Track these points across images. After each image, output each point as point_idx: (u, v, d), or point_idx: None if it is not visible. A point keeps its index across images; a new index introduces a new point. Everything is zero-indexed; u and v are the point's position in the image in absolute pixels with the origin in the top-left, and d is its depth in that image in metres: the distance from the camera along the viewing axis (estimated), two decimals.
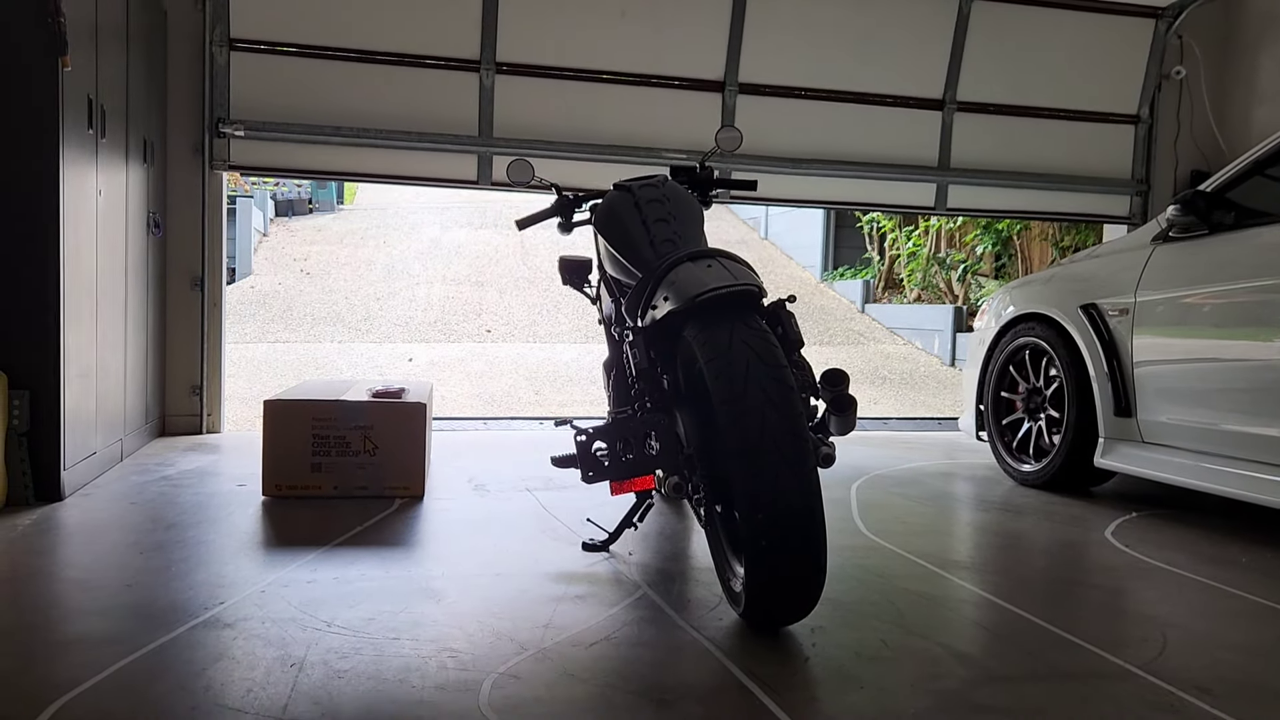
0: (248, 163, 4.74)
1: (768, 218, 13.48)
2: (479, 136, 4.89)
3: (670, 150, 5.08)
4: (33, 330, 3.13)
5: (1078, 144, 5.65)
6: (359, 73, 4.75)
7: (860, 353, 8.92)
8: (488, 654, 1.96)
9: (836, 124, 5.34)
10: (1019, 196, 5.66)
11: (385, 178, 5.00)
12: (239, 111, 4.62)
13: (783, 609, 2.05)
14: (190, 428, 4.66)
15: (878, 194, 5.53)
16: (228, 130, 4.58)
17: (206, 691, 1.74)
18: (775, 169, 5.24)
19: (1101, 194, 5.73)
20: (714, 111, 5.16)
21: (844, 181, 5.41)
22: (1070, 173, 5.65)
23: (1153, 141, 5.73)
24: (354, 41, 4.71)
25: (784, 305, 2.28)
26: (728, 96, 5.16)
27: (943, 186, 5.53)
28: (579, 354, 8.21)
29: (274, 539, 2.83)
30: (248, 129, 4.60)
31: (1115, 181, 5.72)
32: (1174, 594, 2.53)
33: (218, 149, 4.63)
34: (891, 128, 5.41)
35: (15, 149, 3.10)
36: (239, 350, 7.67)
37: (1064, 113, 5.63)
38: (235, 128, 4.58)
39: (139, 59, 4.03)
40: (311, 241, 11.83)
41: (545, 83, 4.97)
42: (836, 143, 5.34)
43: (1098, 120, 5.69)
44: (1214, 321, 3.24)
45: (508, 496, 3.48)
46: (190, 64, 4.56)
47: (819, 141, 5.31)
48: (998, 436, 4.15)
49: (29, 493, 3.14)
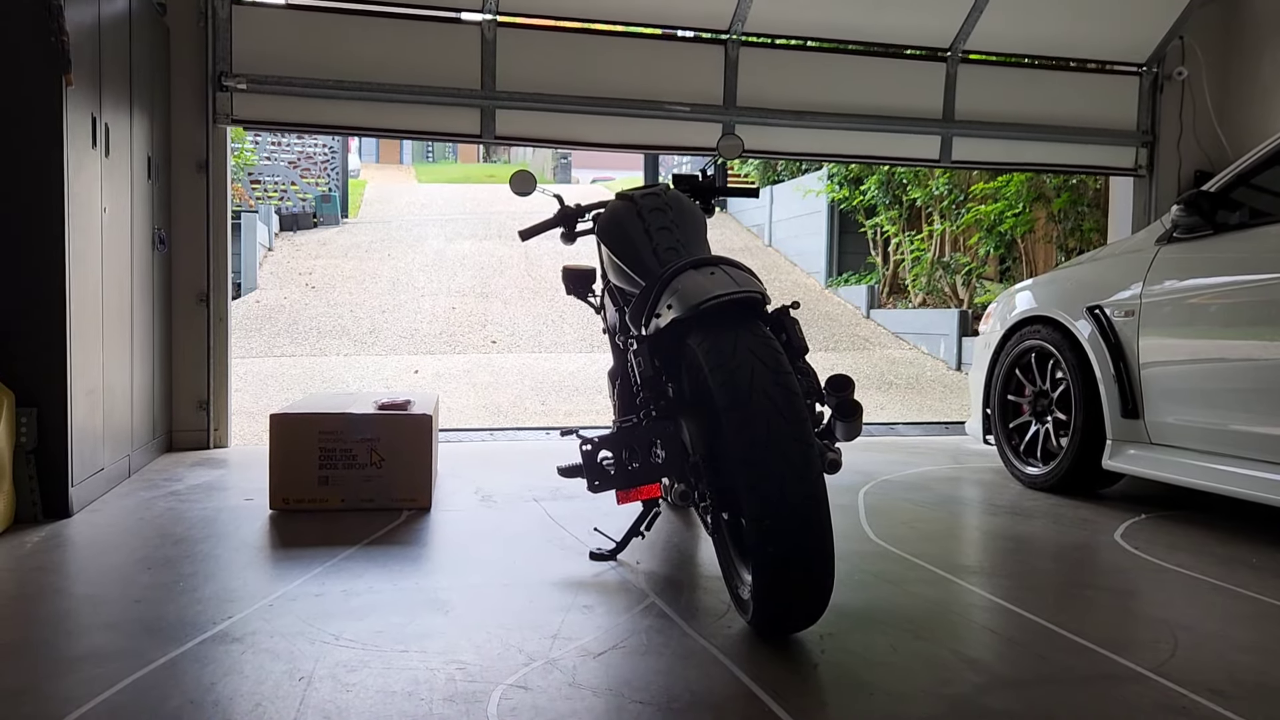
0: (250, 117, 4.75)
1: (771, 225, 13.49)
2: (481, 90, 4.89)
3: (673, 104, 5.07)
4: (40, 347, 3.14)
5: (1083, 95, 5.60)
6: (361, 26, 4.75)
7: (865, 358, 8.91)
8: (496, 665, 1.96)
9: (841, 77, 5.29)
10: (1024, 149, 5.63)
11: (387, 132, 5.02)
12: (241, 66, 4.62)
13: (791, 616, 2.05)
14: (197, 443, 4.67)
15: (882, 147, 5.51)
16: (230, 84, 4.59)
17: (216, 706, 1.74)
18: (778, 122, 5.21)
19: (1107, 146, 5.68)
20: (717, 64, 5.13)
21: (848, 135, 5.38)
22: (1076, 124, 5.60)
23: (1158, 92, 5.67)
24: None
25: (788, 311, 2.28)
26: (730, 49, 5.13)
27: (947, 139, 5.49)
28: (584, 363, 8.21)
29: (281, 552, 2.83)
30: (250, 83, 4.61)
31: (1121, 133, 5.67)
32: (1185, 596, 2.52)
33: (220, 103, 4.63)
34: (896, 80, 5.36)
35: (20, 167, 3.11)
36: (245, 365, 7.69)
37: (1070, 63, 5.57)
38: (238, 81, 4.59)
39: (142, 76, 4.05)
40: (316, 255, 11.87)
41: (547, 35, 4.97)
42: (841, 96, 5.30)
43: (1104, 71, 5.63)
44: (1220, 321, 3.23)
45: (514, 507, 3.48)
46: (194, 63, 4.58)
47: (822, 95, 5.28)
48: (1005, 440, 4.14)
49: (37, 509, 3.14)
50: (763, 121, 5.20)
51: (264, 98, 4.69)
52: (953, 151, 5.54)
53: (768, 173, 13.41)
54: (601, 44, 5.07)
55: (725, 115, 5.15)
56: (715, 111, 5.17)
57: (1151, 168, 5.71)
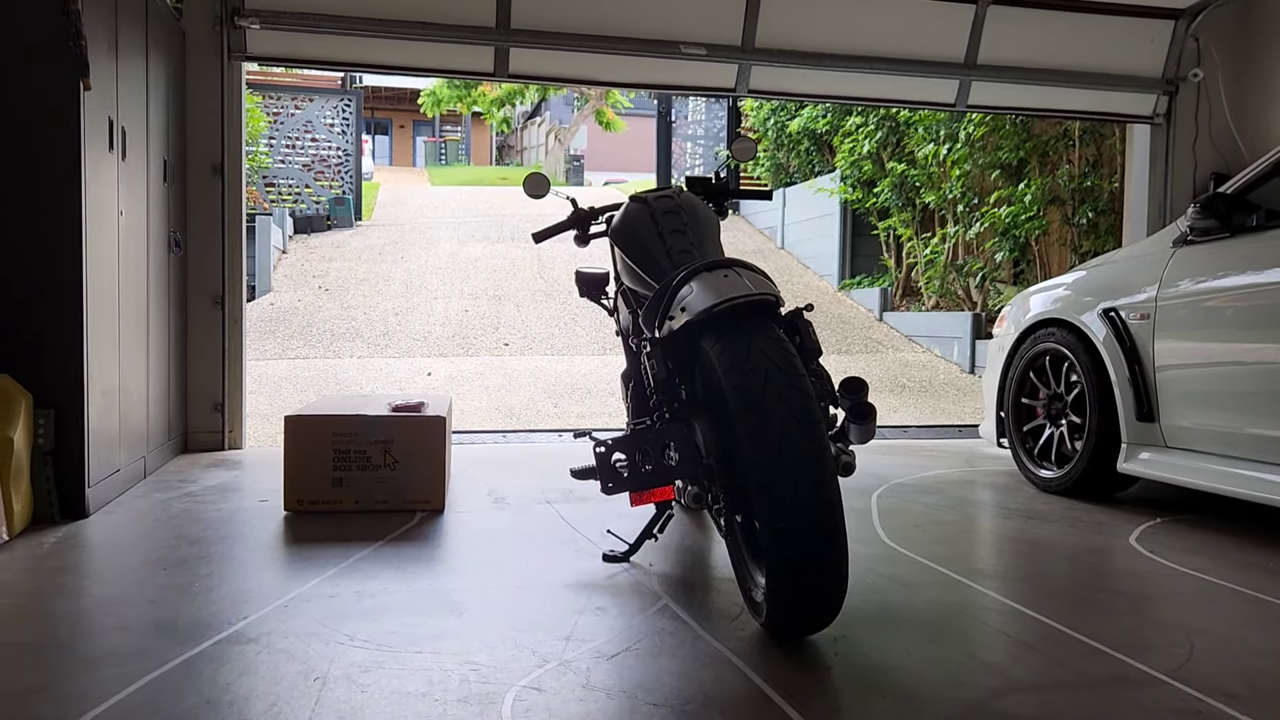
0: (264, 53, 4.78)
1: (784, 227, 13.47)
2: (496, 29, 4.87)
3: (689, 43, 5.01)
4: (57, 350, 3.16)
5: (1113, 40, 5.50)
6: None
7: (879, 361, 8.89)
8: (510, 666, 1.96)
9: (863, 19, 5.21)
10: (1040, 94, 5.56)
11: (401, 69, 5.02)
12: (255, 2, 4.63)
13: (805, 618, 2.04)
14: (212, 444, 4.69)
15: (898, 90, 5.47)
16: (243, 23, 4.60)
17: (231, 706, 1.75)
18: (798, 65, 5.16)
19: (1126, 93, 5.60)
20: (738, 3, 5.05)
21: (864, 78, 5.33)
22: (1098, 70, 5.52)
23: (1187, 39, 5.57)
24: None
25: (801, 314, 2.28)
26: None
27: (965, 84, 5.44)
28: (596, 366, 8.22)
29: (296, 553, 2.84)
30: (263, 20, 4.63)
31: (1143, 80, 5.58)
32: (1200, 600, 2.50)
33: (234, 40, 4.65)
34: (920, 23, 5.27)
35: (39, 170, 3.14)
36: (259, 367, 7.72)
37: (1102, 5, 5.47)
38: (251, 20, 4.60)
39: (158, 79, 4.08)
40: (330, 258, 11.91)
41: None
42: (862, 40, 5.23)
43: (1141, 14, 5.52)
44: (1237, 324, 3.21)
45: (527, 509, 3.48)
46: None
47: (844, 39, 5.21)
48: (1019, 443, 4.13)
49: (54, 510, 3.17)
50: (782, 64, 5.13)
51: (278, 34, 4.69)
52: (970, 96, 5.48)
53: (780, 175, 13.40)
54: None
55: (744, 57, 5.07)
56: (734, 54, 5.10)
57: (1170, 116, 5.64)
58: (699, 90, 5.38)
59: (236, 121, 4.73)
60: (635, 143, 27.49)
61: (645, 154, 19.47)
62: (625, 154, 29.81)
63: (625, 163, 29.32)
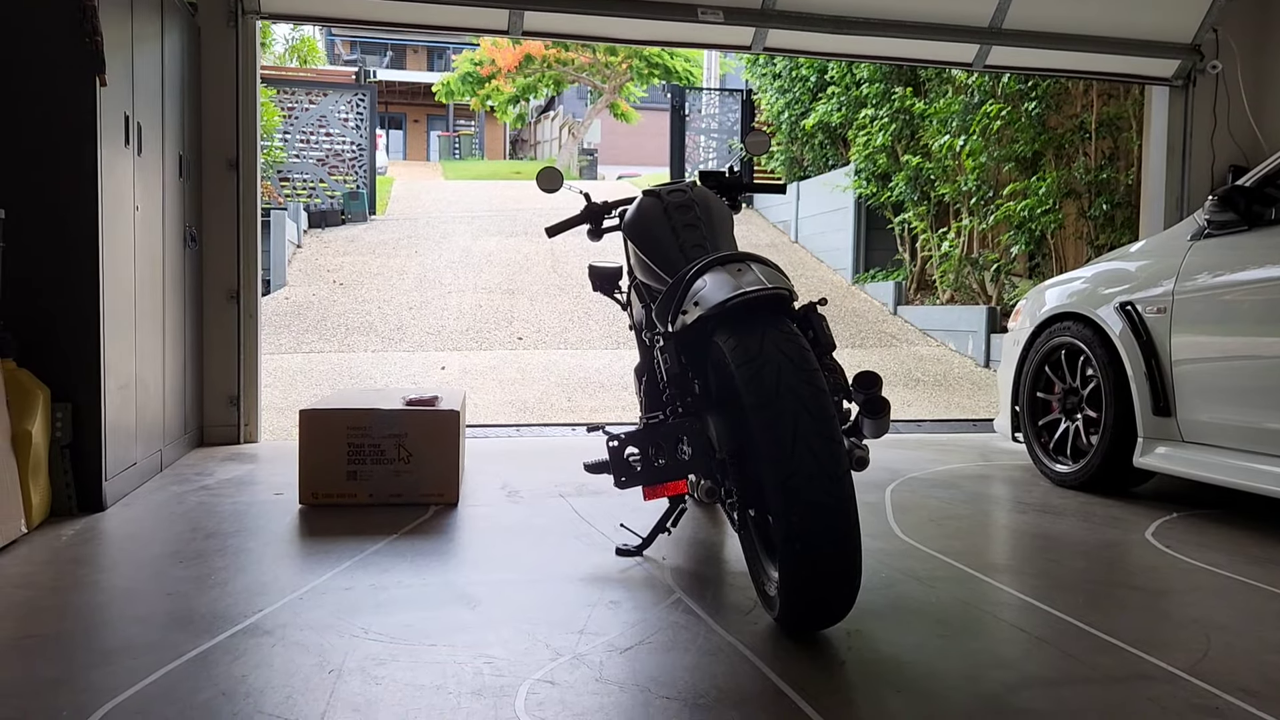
0: (280, 10, 4.78)
1: (798, 221, 13.43)
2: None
3: (707, 7, 4.94)
4: (74, 343, 3.19)
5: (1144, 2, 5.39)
6: None
7: (893, 355, 8.86)
8: (523, 660, 1.97)
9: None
10: (1059, 57, 5.50)
11: (416, 26, 5.06)
12: None
13: (818, 613, 2.04)
14: (228, 438, 4.72)
15: (915, 50, 5.41)
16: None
17: (247, 698, 1.76)
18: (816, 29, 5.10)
19: (1146, 57, 5.52)
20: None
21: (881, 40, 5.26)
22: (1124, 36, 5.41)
23: None
24: None
25: (815, 308, 2.27)
26: None
27: (985, 46, 5.38)
28: (610, 360, 8.22)
29: (311, 546, 2.86)
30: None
31: (1167, 45, 5.48)
32: (1217, 596, 2.49)
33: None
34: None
35: (55, 166, 3.16)
36: (274, 361, 7.76)
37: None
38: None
39: (173, 74, 4.10)
40: (344, 252, 11.95)
41: None
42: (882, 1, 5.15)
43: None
44: (1255, 317, 3.18)
45: (541, 502, 3.49)
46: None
47: None
48: (1034, 437, 4.11)
49: (72, 503, 3.19)
50: (800, 28, 5.08)
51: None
52: (989, 57, 5.43)
53: (794, 169, 13.35)
54: None
55: (762, 22, 5.01)
56: (752, 18, 5.05)
57: (1189, 80, 5.56)
58: (713, 46, 5.34)
59: (251, 104, 4.70)
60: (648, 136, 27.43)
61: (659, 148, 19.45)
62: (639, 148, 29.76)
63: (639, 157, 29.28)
